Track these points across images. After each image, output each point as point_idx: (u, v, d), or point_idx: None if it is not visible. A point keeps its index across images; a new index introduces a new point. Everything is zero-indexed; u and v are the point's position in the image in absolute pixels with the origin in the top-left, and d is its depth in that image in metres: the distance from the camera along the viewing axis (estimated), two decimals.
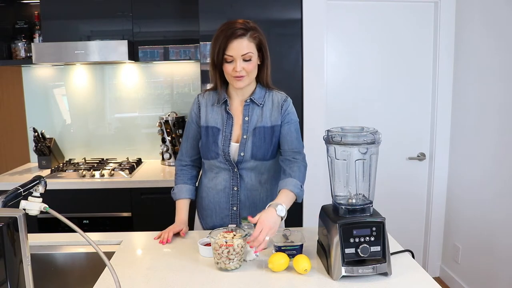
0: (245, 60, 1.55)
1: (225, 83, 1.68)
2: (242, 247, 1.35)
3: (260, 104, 1.66)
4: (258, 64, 1.62)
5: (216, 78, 1.65)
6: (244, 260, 1.40)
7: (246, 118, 1.66)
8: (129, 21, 2.76)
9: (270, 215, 1.41)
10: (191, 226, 1.86)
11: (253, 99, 1.66)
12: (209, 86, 2.60)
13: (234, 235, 1.38)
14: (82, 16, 2.78)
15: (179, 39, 2.79)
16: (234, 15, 2.52)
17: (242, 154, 1.63)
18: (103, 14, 2.76)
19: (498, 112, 2.45)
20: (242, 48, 1.54)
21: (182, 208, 1.72)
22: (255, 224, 1.48)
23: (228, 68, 1.57)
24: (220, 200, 1.71)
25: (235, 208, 1.70)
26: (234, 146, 1.65)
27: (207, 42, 2.56)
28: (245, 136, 1.64)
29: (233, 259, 1.34)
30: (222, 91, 1.67)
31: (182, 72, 3.10)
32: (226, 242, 1.32)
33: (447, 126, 2.94)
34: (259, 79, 1.67)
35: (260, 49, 1.60)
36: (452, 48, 2.86)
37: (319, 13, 2.67)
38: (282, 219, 1.44)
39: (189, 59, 2.85)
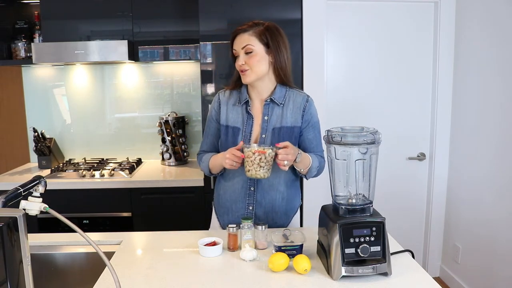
0: (246, 53, 1.61)
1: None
2: (271, 157, 1.51)
3: (281, 103, 1.68)
4: (272, 62, 1.64)
5: (236, 76, 1.71)
6: (243, 259, 1.41)
7: (266, 118, 1.67)
8: (129, 21, 2.76)
9: (295, 148, 1.57)
10: (205, 226, 1.87)
11: (273, 98, 1.67)
12: (210, 87, 2.61)
13: (265, 148, 1.51)
14: (82, 16, 2.78)
15: (179, 39, 2.79)
16: (234, 15, 2.52)
17: None
18: (103, 14, 2.76)
19: (498, 112, 2.45)
20: (242, 42, 1.62)
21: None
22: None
23: (236, 63, 1.65)
24: (236, 199, 1.72)
25: (251, 208, 1.70)
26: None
27: (207, 42, 2.56)
28: (263, 136, 1.66)
29: (263, 167, 1.51)
30: (242, 90, 1.70)
31: (182, 72, 3.10)
32: (264, 149, 1.49)
33: (447, 126, 2.94)
34: (275, 76, 1.68)
35: (268, 45, 1.62)
36: (452, 48, 2.86)
37: (319, 13, 2.67)
38: (295, 160, 1.57)
39: (189, 59, 2.85)
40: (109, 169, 2.70)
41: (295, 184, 1.78)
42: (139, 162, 3.02)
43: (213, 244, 1.48)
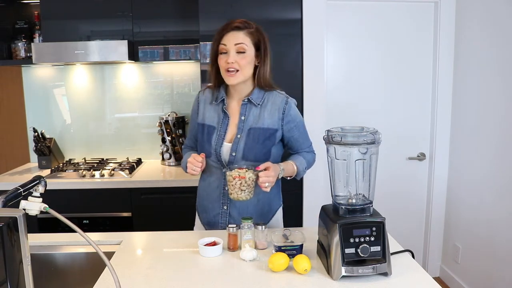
0: (238, 53, 1.57)
1: (223, 81, 1.67)
2: (252, 180, 1.53)
3: (258, 104, 1.65)
4: (256, 65, 1.62)
5: (213, 75, 1.67)
6: (243, 259, 1.41)
7: (243, 118, 1.66)
8: (129, 21, 2.76)
9: (276, 167, 1.58)
10: (191, 225, 1.86)
11: (250, 99, 1.65)
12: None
13: (247, 171, 1.53)
14: (82, 16, 2.78)
15: (179, 39, 2.79)
16: (234, 15, 2.51)
17: (233, 154, 1.63)
18: (103, 14, 2.76)
19: (498, 112, 2.45)
20: (236, 39, 1.57)
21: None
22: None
23: (222, 60, 1.59)
24: (212, 199, 1.72)
25: (225, 207, 1.70)
26: (226, 146, 1.65)
27: (207, 42, 2.56)
28: (239, 136, 1.64)
29: (245, 190, 1.52)
30: (220, 89, 1.69)
31: (182, 72, 3.10)
32: (239, 175, 1.50)
33: (447, 126, 2.94)
34: (256, 81, 1.65)
35: (258, 48, 1.61)
36: (452, 48, 2.86)
37: (319, 13, 2.67)
38: (278, 177, 1.61)
39: (189, 59, 2.85)
40: (109, 169, 2.70)
41: (273, 187, 1.69)
42: (139, 162, 3.02)
43: (213, 244, 1.48)
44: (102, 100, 3.12)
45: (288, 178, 1.70)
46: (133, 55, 2.76)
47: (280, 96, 1.68)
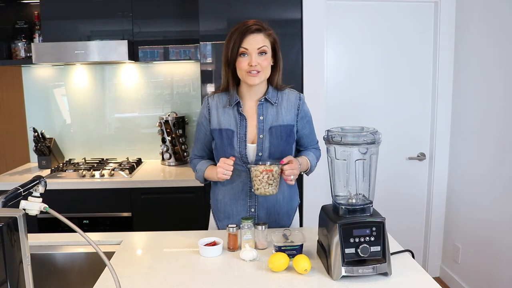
0: (260, 54, 1.57)
1: (236, 84, 1.67)
2: (278, 174, 1.53)
3: (275, 103, 1.67)
4: (271, 66, 1.63)
5: (228, 77, 1.64)
6: (243, 259, 1.41)
7: (261, 118, 1.65)
8: (129, 21, 2.76)
9: (297, 160, 1.61)
10: (205, 226, 1.86)
11: (267, 98, 1.66)
12: (210, 87, 2.61)
13: (271, 165, 1.53)
14: (82, 16, 2.78)
15: (179, 39, 2.79)
16: (234, 15, 2.52)
17: (260, 154, 1.64)
18: (103, 14, 2.76)
19: (498, 112, 2.45)
20: (257, 42, 1.56)
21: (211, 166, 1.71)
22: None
23: (242, 63, 1.57)
24: (237, 202, 1.70)
25: (253, 210, 1.69)
26: (250, 147, 1.65)
27: (207, 42, 2.56)
28: (261, 136, 1.64)
29: (272, 184, 1.53)
30: (233, 92, 1.66)
31: (182, 72, 3.10)
32: (266, 168, 1.51)
33: (447, 126, 2.94)
34: (270, 81, 1.67)
35: (274, 48, 1.62)
36: (452, 48, 2.86)
37: (319, 13, 2.67)
38: None
39: (189, 59, 2.85)
40: (109, 169, 2.70)
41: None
42: (139, 162, 3.02)
43: (213, 244, 1.48)
44: (102, 100, 3.12)
45: (302, 173, 1.72)
46: (133, 55, 2.76)
47: (293, 93, 1.71)
